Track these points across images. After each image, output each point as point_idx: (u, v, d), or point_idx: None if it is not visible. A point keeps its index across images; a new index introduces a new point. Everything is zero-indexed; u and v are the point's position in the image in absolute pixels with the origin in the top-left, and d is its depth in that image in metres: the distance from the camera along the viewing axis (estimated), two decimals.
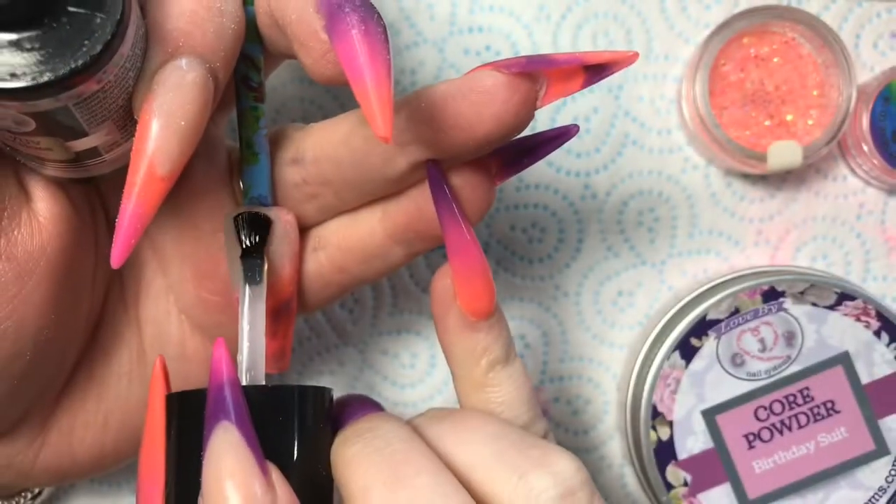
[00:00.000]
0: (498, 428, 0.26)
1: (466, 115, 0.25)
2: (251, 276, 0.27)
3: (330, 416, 0.27)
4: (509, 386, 0.27)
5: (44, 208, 0.26)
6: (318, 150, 0.27)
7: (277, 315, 0.29)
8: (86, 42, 0.20)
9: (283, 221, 0.28)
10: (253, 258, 0.27)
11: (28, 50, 0.20)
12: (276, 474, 0.23)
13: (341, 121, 0.27)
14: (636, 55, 0.25)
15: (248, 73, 0.27)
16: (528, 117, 0.25)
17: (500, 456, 0.24)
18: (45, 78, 0.20)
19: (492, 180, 0.28)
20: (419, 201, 0.27)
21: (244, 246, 0.27)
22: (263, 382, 0.26)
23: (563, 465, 0.24)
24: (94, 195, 0.29)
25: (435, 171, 0.26)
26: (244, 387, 0.24)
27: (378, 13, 0.23)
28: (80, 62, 0.20)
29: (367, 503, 0.23)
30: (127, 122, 0.24)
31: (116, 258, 0.22)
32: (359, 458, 0.24)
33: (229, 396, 0.24)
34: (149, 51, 0.23)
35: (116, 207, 0.29)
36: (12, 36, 0.20)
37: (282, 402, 0.25)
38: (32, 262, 0.25)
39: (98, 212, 0.29)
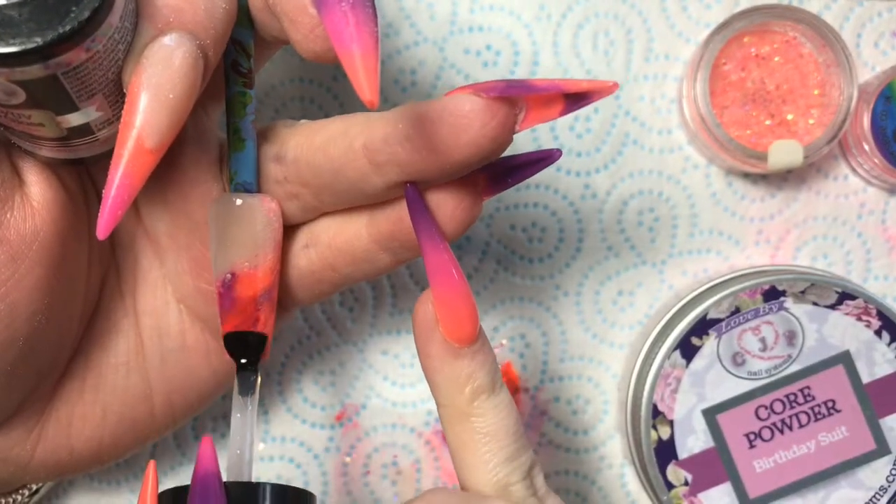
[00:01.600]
0: (443, 500, 0.26)
1: (443, 138, 0.25)
2: (243, 389, 0.28)
3: None
4: (494, 416, 0.27)
5: (37, 193, 0.26)
6: (299, 151, 0.27)
7: (257, 303, 0.29)
8: (73, 9, 0.21)
9: (266, 209, 0.28)
10: (248, 371, 0.28)
11: (16, 16, 0.20)
12: None
13: (324, 127, 0.27)
14: (616, 86, 0.25)
15: (238, 59, 0.27)
16: (506, 142, 0.25)
17: None
18: (33, 43, 0.20)
19: (478, 195, 0.27)
20: (402, 213, 0.27)
21: (240, 363, 0.28)
22: None
23: None
24: (88, 182, 0.29)
25: (414, 195, 0.26)
26: (230, 483, 0.25)
27: None
28: (67, 28, 0.21)
29: None
30: (118, 98, 0.24)
31: (102, 229, 0.22)
32: None
33: (210, 489, 0.24)
34: (139, 25, 0.23)
35: None
36: (10, 5, 0.20)
37: (264, 500, 0.26)
38: (25, 246, 0.25)
39: (92, 199, 0.29)
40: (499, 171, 0.27)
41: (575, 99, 0.25)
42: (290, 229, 0.29)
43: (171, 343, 0.30)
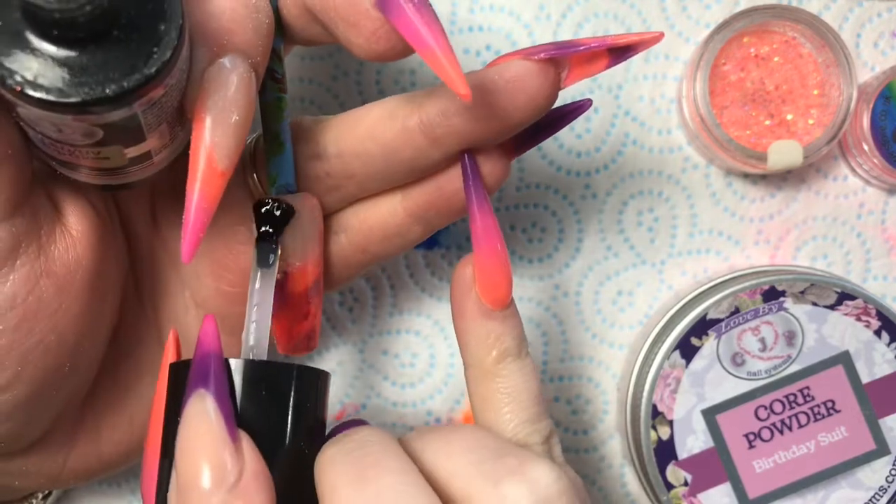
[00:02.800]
0: (479, 437, 0.26)
1: (502, 104, 0.26)
2: (263, 259, 0.27)
3: (325, 399, 0.27)
4: (518, 378, 0.27)
5: (74, 222, 0.26)
6: (342, 144, 0.28)
7: (308, 296, 0.29)
8: (155, 49, 0.21)
9: (309, 207, 0.28)
10: (267, 243, 0.28)
11: (104, 63, 0.21)
12: (247, 444, 0.23)
13: (363, 115, 0.28)
14: (661, 35, 0.26)
15: (273, 65, 0.27)
16: (554, 100, 0.27)
17: (477, 465, 0.24)
18: (123, 87, 0.21)
19: (507, 157, 0.28)
20: (440, 181, 0.28)
21: (259, 231, 0.28)
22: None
23: (540, 473, 0.24)
24: (111, 201, 0.29)
25: (472, 163, 0.27)
26: (244, 360, 0.25)
27: None
28: (153, 69, 0.21)
29: (334, 501, 0.23)
30: (177, 123, 0.24)
31: (187, 253, 0.23)
32: (332, 459, 0.25)
33: (211, 366, 0.24)
34: (195, 51, 0.24)
35: (131, 210, 0.29)
36: (89, 51, 0.21)
37: (276, 379, 0.25)
38: (70, 276, 0.26)
39: (114, 216, 0.29)
40: (529, 129, 0.28)
41: (620, 52, 0.27)
42: None
43: (193, 345, 0.30)
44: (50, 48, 0.20)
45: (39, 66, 0.20)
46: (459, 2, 0.38)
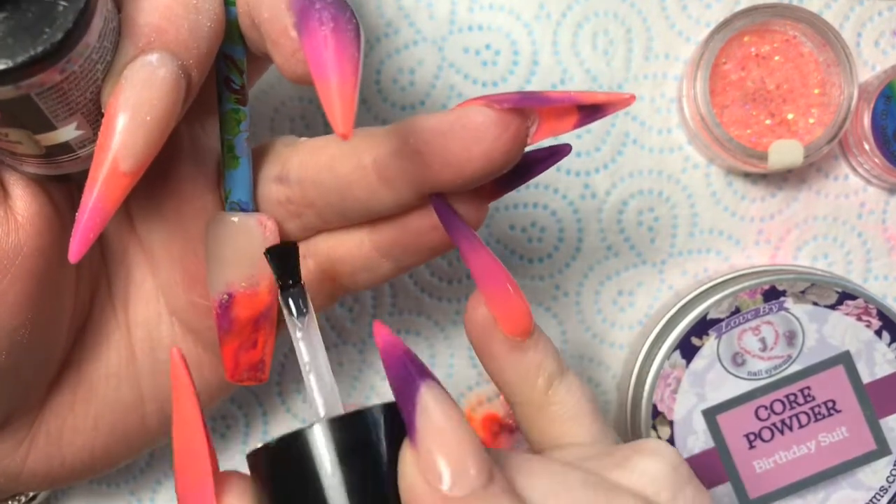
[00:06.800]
0: (584, 449, 0.26)
1: (455, 151, 0.24)
2: (298, 309, 0.25)
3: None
4: (570, 398, 0.27)
5: (22, 207, 0.25)
6: (303, 171, 0.27)
7: (257, 324, 0.28)
8: (46, 30, 0.20)
9: (262, 228, 0.27)
10: (292, 290, 0.25)
11: None
12: None
13: (328, 143, 0.27)
14: (632, 98, 0.25)
15: (230, 75, 0.26)
16: (518, 154, 0.25)
17: (602, 458, 0.25)
18: (4, 65, 0.20)
19: (483, 200, 0.27)
20: (407, 219, 0.27)
21: (280, 283, 0.25)
22: None
23: (656, 446, 0.25)
24: (78, 196, 0.28)
25: (441, 203, 0.26)
26: (333, 419, 0.22)
27: (351, 10, 0.22)
28: (39, 49, 0.20)
29: None
30: (98, 117, 0.23)
31: (74, 253, 0.22)
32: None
33: (418, 362, 0.23)
34: (119, 44, 0.23)
35: None
36: None
37: (378, 424, 0.23)
38: (7, 261, 0.25)
39: None
40: (504, 173, 0.27)
41: (589, 111, 0.25)
42: None
43: (163, 354, 0.30)
44: None
45: None
46: (459, 1, 0.38)
